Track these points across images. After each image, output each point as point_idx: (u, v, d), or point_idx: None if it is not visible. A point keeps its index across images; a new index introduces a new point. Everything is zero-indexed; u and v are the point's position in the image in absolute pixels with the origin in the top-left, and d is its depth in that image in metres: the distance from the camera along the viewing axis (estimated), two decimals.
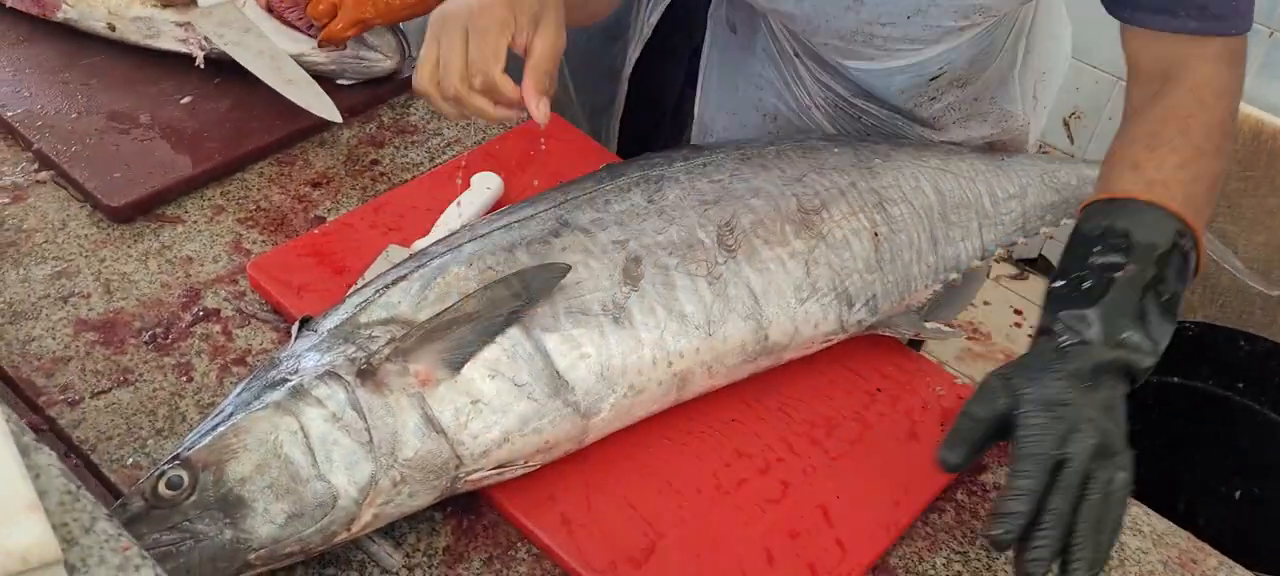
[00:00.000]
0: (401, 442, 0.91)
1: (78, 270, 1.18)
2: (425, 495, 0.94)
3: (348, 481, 0.89)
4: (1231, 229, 2.44)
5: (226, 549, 0.86)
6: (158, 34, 1.40)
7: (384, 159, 1.38)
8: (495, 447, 0.95)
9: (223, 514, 0.87)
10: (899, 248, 1.16)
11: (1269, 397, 1.81)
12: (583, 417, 0.99)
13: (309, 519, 0.88)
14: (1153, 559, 1.03)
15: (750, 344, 1.07)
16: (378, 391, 0.92)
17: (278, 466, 0.89)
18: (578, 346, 0.99)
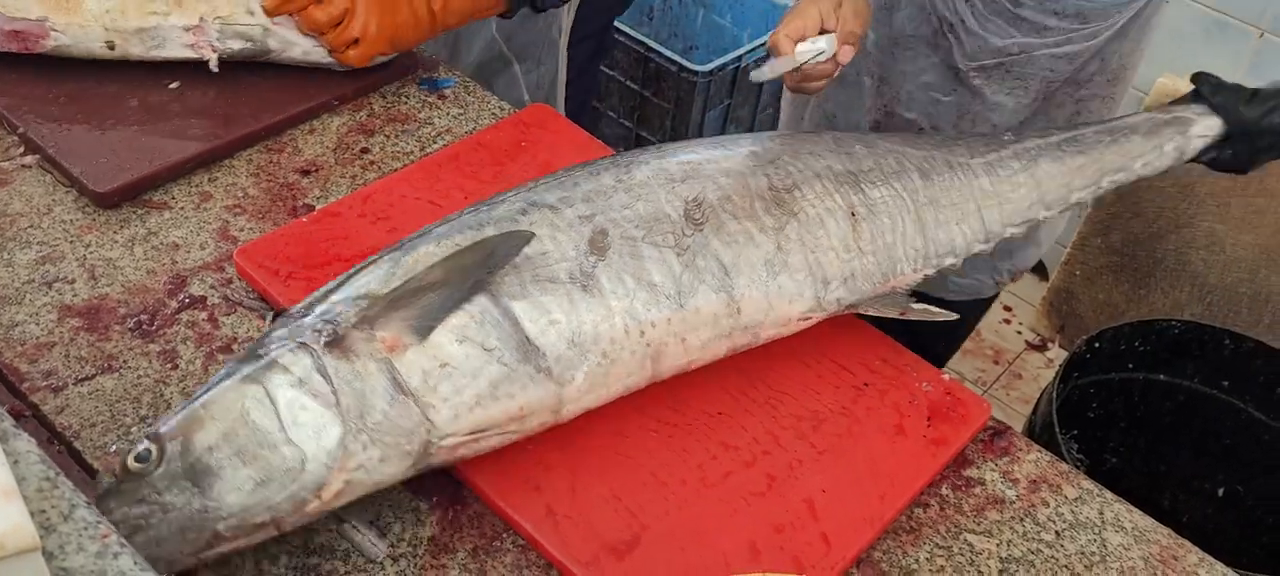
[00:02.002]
0: (369, 406, 0.91)
1: (62, 255, 1.17)
2: (397, 461, 0.93)
3: (316, 445, 0.89)
4: (1220, 228, 2.45)
5: (195, 519, 0.85)
6: (163, 43, 1.35)
7: (374, 147, 1.37)
8: (467, 411, 0.94)
9: (191, 483, 0.86)
10: (880, 229, 1.15)
11: (1253, 396, 1.82)
12: (556, 384, 0.98)
13: (278, 485, 0.87)
14: (1134, 555, 1.03)
15: (723, 316, 1.06)
16: (345, 357, 0.92)
17: (245, 433, 0.88)
18: (546, 312, 0.99)
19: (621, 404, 1.07)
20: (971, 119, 1.51)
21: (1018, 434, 1.13)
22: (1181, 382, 1.87)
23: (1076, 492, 1.08)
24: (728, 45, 3.25)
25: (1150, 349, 1.85)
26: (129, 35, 1.34)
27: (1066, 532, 1.05)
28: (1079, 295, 2.73)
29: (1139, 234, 2.55)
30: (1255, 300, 2.47)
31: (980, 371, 2.74)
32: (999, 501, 1.07)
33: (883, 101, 1.57)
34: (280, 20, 1.37)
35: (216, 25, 1.35)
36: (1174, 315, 2.33)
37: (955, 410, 1.12)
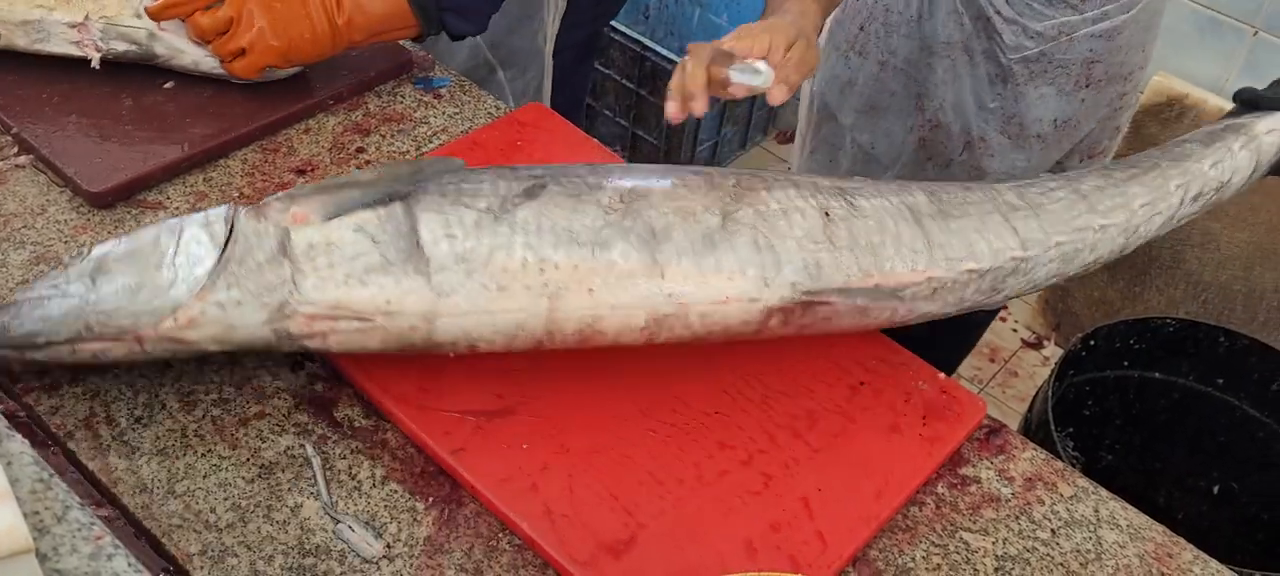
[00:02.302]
0: (249, 255, 0.97)
1: (57, 256, 1.17)
2: (253, 311, 0.97)
3: (188, 271, 0.97)
4: (1214, 226, 2.46)
5: (75, 306, 0.96)
6: (48, 38, 1.33)
7: (370, 147, 1.37)
8: (333, 287, 0.98)
9: (90, 280, 0.97)
10: (862, 229, 1.07)
11: (1247, 393, 1.82)
12: (433, 293, 0.99)
13: (145, 295, 0.96)
14: (1129, 552, 1.04)
15: (641, 277, 1.01)
16: (256, 217, 0.99)
17: (147, 250, 0.98)
18: (448, 227, 1.00)
19: (618, 404, 1.07)
20: (1019, 121, 1.50)
21: (1013, 432, 1.14)
22: (1176, 380, 1.87)
23: (1072, 490, 1.08)
24: None
25: (1145, 346, 1.86)
26: (14, 27, 1.32)
27: (1062, 530, 1.05)
28: (1074, 293, 2.74)
29: None
30: (1250, 297, 2.47)
31: (976, 369, 2.74)
32: (995, 499, 1.07)
33: (926, 117, 1.57)
34: (168, 26, 1.33)
35: (101, 24, 1.32)
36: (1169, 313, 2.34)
37: (951, 408, 1.12)
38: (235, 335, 0.98)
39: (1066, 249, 1.13)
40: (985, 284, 1.11)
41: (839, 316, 1.08)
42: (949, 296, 1.11)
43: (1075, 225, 1.14)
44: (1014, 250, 1.11)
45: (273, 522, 0.97)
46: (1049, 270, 1.14)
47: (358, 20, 1.31)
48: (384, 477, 1.02)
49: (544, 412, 1.06)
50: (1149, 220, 1.17)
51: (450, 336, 1.01)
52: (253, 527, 0.96)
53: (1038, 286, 1.16)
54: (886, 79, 1.58)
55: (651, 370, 1.11)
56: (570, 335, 1.03)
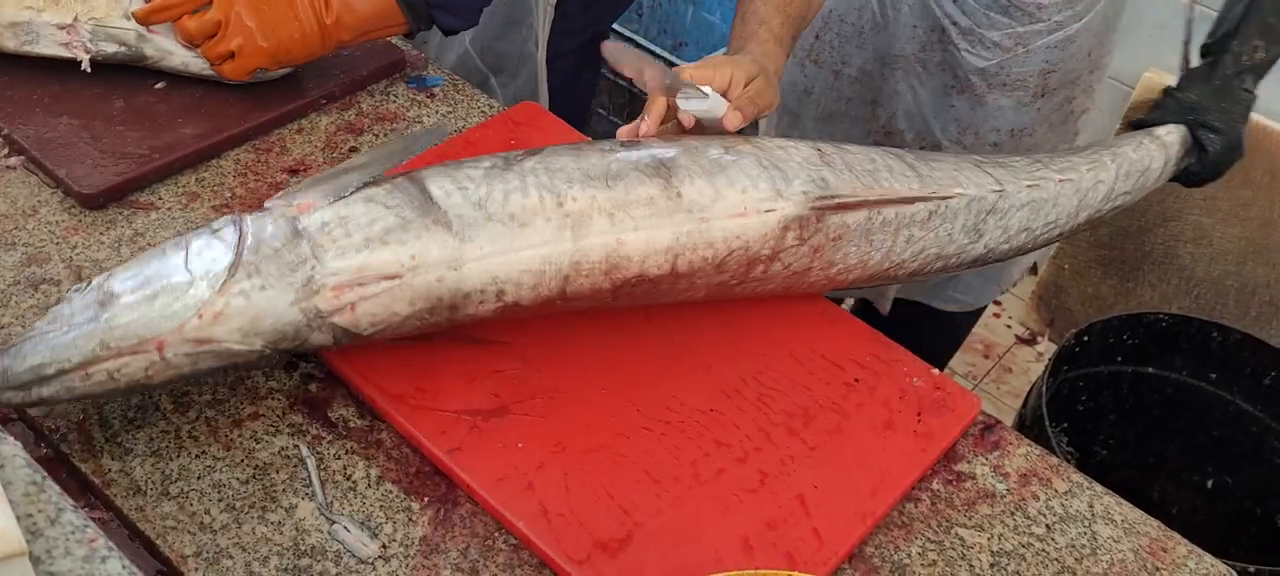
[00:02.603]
0: (264, 243, 0.97)
1: (48, 257, 1.17)
2: (280, 292, 0.96)
3: (205, 270, 0.95)
4: (1207, 221, 2.46)
5: (86, 328, 0.93)
6: (37, 39, 1.32)
7: (363, 146, 1.37)
8: (354, 251, 0.98)
9: (98, 304, 0.94)
10: (855, 162, 1.13)
11: (1241, 388, 1.83)
12: (455, 238, 0.99)
13: (162, 301, 0.94)
14: (1124, 547, 1.04)
15: (660, 198, 1.04)
16: (261, 217, 1.01)
17: (156, 265, 0.97)
18: (457, 182, 1.02)
19: (613, 402, 1.07)
20: (975, 131, 1.51)
21: (1008, 428, 1.14)
22: (1170, 375, 1.88)
23: (1067, 486, 1.08)
24: (717, 42, 3.25)
25: (1139, 342, 1.86)
26: (3, 29, 1.32)
27: (1057, 526, 1.05)
28: (1067, 289, 2.74)
29: (1127, 227, 2.56)
30: (1242, 292, 2.48)
31: (970, 365, 2.75)
32: (990, 495, 1.07)
33: (880, 124, 1.57)
34: (157, 28, 1.32)
35: (90, 26, 1.31)
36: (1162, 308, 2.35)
37: (945, 405, 1.12)
38: (263, 323, 0.96)
39: (1034, 197, 1.21)
40: (971, 217, 1.18)
41: (848, 240, 1.12)
42: (941, 228, 1.16)
43: (1038, 175, 1.23)
44: (991, 185, 1.19)
45: (268, 524, 0.97)
46: (1021, 218, 1.21)
47: (346, 19, 1.30)
48: (379, 478, 1.02)
49: (539, 412, 1.06)
50: (1094, 186, 1.27)
51: (478, 282, 1.00)
52: (247, 529, 0.96)
53: (1011, 240, 1.22)
54: (842, 87, 1.58)
55: (647, 369, 1.11)
56: (598, 264, 1.02)
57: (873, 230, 1.13)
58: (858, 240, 1.13)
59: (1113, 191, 1.28)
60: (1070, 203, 1.24)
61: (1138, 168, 1.30)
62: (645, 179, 1.04)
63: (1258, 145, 2.35)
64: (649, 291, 1.07)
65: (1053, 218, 1.24)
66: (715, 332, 1.15)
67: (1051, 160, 1.26)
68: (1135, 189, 1.31)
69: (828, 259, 1.12)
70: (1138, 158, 1.30)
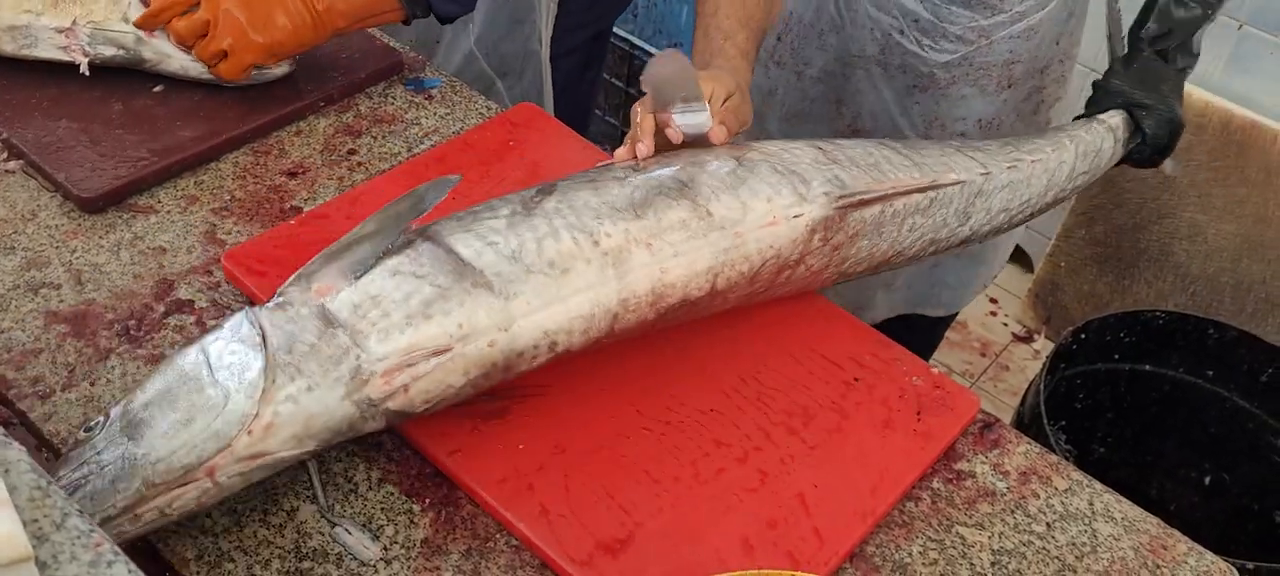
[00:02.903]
0: (296, 341, 0.91)
1: (48, 261, 1.17)
2: (328, 389, 0.90)
3: (239, 381, 0.89)
4: (1201, 219, 2.47)
5: (124, 468, 0.86)
6: (35, 43, 1.32)
7: (361, 148, 1.37)
8: (397, 332, 0.92)
9: (127, 438, 0.88)
10: (857, 157, 1.15)
11: (1238, 384, 1.84)
12: (500, 298, 0.95)
13: (201, 423, 0.87)
14: (1124, 545, 1.04)
15: (692, 220, 1.03)
16: (280, 310, 0.94)
17: (178, 384, 0.90)
18: (483, 238, 0.98)
19: (613, 404, 1.07)
20: (941, 124, 1.51)
21: (1007, 426, 1.14)
22: (1167, 372, 1.89)
23: (1066, 484, 1.09)
24: None
25: (1135, 339, 1.87)
26: (1, 33, 1.32)
27: (1057, 524, 1.05)
28: (1064, 287, 2.75)
29: (1122, 225, 2.57)
30: (1238, 289, 2.49)
31: (967, 364, 2.75)
32: (990, 494, 1.07)
33: (846, 122, 1.57)
34: (155, 31, 1.32)
35: (88, 29, 1.31)
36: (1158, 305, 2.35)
37: (944, 404, 1.12)
38: (316, 424, 0.91)
39: (1013, 178, 1.25)
40: (962, 202, 1.20)
41: (862, 236, 1.14)
42: (938, 215, 1.19)
43: (1012, 157, 1.27)
44: (978, 168, 1.22)
45: (269, 526, 0.97)
46: (1001, 199, 1.25)
47: (339, 6, 1.30)
48: (380, 480, 1.02)
49: (539, 413, 1.06)
50: (1059, 166, 1.31)
51: (531, 339, 0.97)
52: (249, 532, 0.96)
53: (992, 221, 1.26)
54: (805, 88, 1.58)
55: (646, 369, 1.11)
56: (644, 298, 1.01)
57: (884, 222, 1.15)
58: (871, 234, 1.14)
59: (1073, 171, 1.33)
60: (1041, 182, 1.29)
61: (1092, 149, 1.35)
62: (672, 202, 1.04)
63: (1252, 143, 2.36)
64: (688, 312, 1.07)
65: (1027, 198, 1.28)
66: (714, 333, 1.15)
67: (1020, 143, 1.30)
68: (1092, 169, 1.36)
69: (843, 255, 1.14)
70: (1090, 139, 1.35)
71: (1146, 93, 1.39)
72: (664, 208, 1.03)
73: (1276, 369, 1.78)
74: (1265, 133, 2.34)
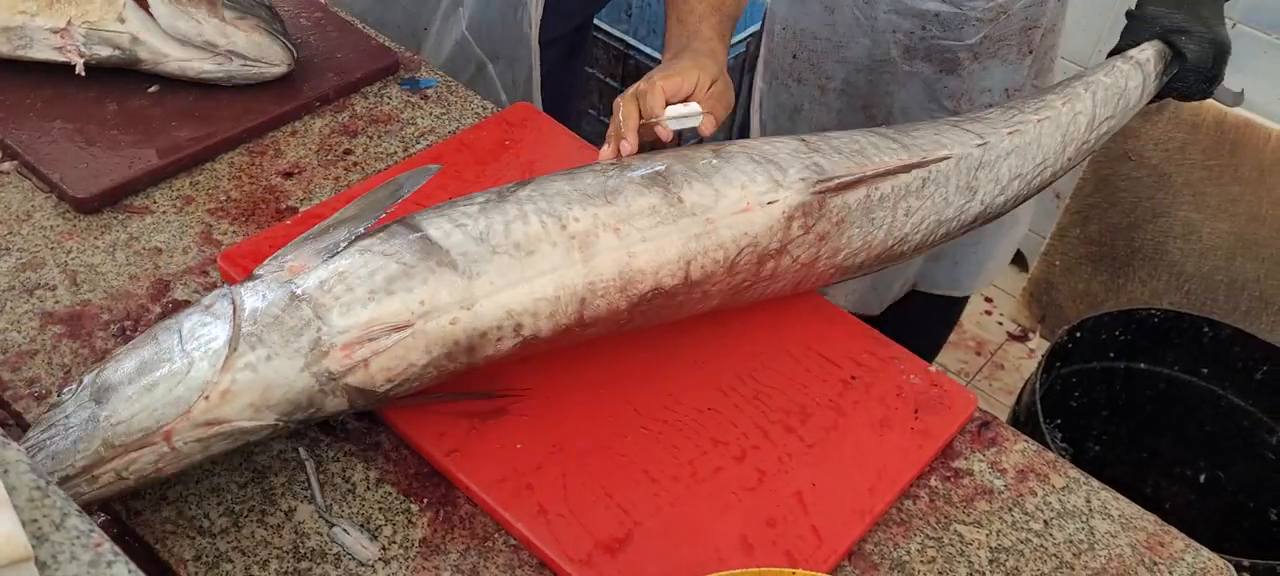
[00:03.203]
0: (261, 312, 0.93)
1: (43, 262, 1.16)
2: (287, 359, 0.91)
3: (204, 350, 0.91)
4: (1196, 217, 2.47)
5: (87, 429, 0.88)
6: (30, 44, 1.32)
7: (357, 148, 1.36)
8: (360, 306, 0.93)
9: (94, 402, 0.89)
10: (842, 145, 1.14)
11: (1232, 382, 1.84)
12: (463, 277, 0.96)
13: (163, 388, 0.89)
14: (1122, 542, 1.04)
15: (662, 206, 1.03)
16: (253, 285, 0.95)
17: (150, 353, 0.92)
18: (454, 220, 0.99)
19: (611, 403, 1.07)
20: (969, 99, 1.51)
21: (1004, 424, 1.14)
22: (1162, 371, 1.89)
23: (1063, 481, 1.09)
24: None
25: (1130, 338, 1.87)
26: None
27: (1054, 521, 1.05)
28: (1058, 285, 2.75)
29: (1117, 224, 2.57)
30: (1232, 287, 2.49)
31: (963, 363, 2.76)
32: (987, 492, 1.07)
33: (877, 124, 1.57)
34: (150, 31, 1.32)
35: (83, 29, 1.31)
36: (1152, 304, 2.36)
37: (942, 402, 1.12)
38: (274, 394, 0.91)
39: (1018, 143, 1.22)
40: (962, 177, 1.18)
41: (850, 222, 1.12)
42: (937, 194, 1.17)
43: (1013, 121, 1.23)
44: (974, 140, 1.19)
45: (267, 527, 0.97)
46: (1010, 166, 1.21)
47: None
48: (378, 480, 1.01)
49: (537, 412, 1.06)
50: (1073, 119, 1.26)
51: (493, 319, 0.97)
52: (247, 532, 0.96)
53: (1006, 190, 1.23)
54: (830, 101, 1.58)
55: (644, 368, 1.11)
56: (612, 282, 1.01)
57: (873, 207, 1.13)
58: (860, 220, 1.13)
59: (1094, 119, 1.28)
60: (1054, 140, 1.24)
61: (1114, 92, 1.29)
62: (644, 190, 1.04)
63: (1245, 141, 2.36)
64: (665, 305, 1.06)
65: (1040, 159, 1.24)
66: (711, 331, 1.15)
67: (1025, 104, 1.26)
68: (1118, 112, 1.30)
69: (834, 245, 1.13)
70: (1112, 82, 1.30)
71: (1188, 16, 1.32)
72: (634, 194, 1.03)
73: (1271, 366, 1.78)
74: (1259, 131, 2.35)
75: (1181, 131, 2.43)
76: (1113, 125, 1.31)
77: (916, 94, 1.52)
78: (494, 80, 1.73)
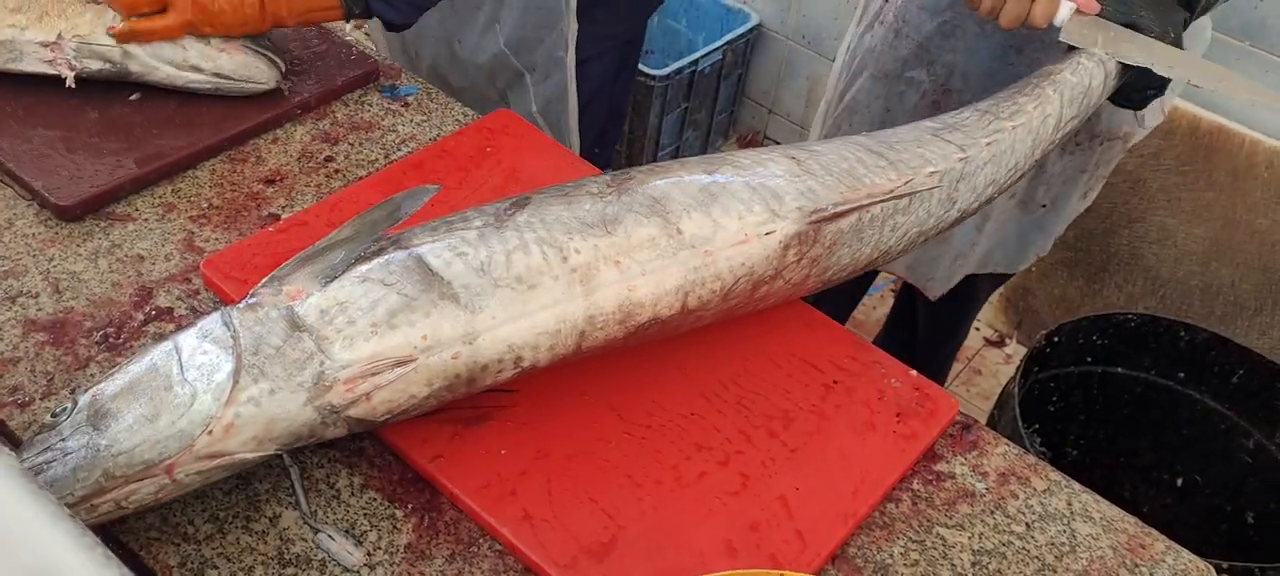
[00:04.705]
0: (264, 343, 0.91)
1: (25, 270, 1.16)
2: (290, 394, 0.91)
3: (207, 381, 0.89)
4: (1171, 222, 2.50)
5: (86, 458, 0.87)
6: (20, 57, 1.32)
7: (339, 155, 1.36)
8: (362, 339, 0.92)
9: (92, 427, 0.88)
10: (831, 164, 1.14)
11: (1208, 386, 1.86)
12: (465, 311, 0.95)
13: (166, 420, 0.88)
14: (1103, 544, 1.05)
15: (661, 238, 1.03)
16: (251, 310, 0.94)
17: (148, 378, 0.90)
18: (454, 248, 0.98)
19: (594, 409, 1.08)
20: (1028, 64, 1.52)
21: (986, 428, 1.15)
22: (1139, 375, 1.91)
23: (1045, 484, 1.10)
24: (683, 50, 3.26)
25: (1107, 342, 1.89)
26: None
27: (1036, 524, 1.06)
28: (1035, 291, 2.77)
29: (1092, 229, 2.60)
30: (1207, 292, 2.52)
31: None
32: (969, 495, 1.08)
33: (938, 83, 1.61)
34: (139, 44, 1.32)
35: (74, 43, 1.31)
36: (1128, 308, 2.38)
37: (924, 405, 1.13)
38: (277, 428, 0.91)
39: (993, 149, 1.23)
40: (943, 191, 1.19)
41: (841, 244, 1.13)
42: (920, 209, 1.18)
43: (990, 130, 1.24)
44: (955, 153, 1.21)
45: (252, 533, 0.96)
46: (986, 174, 1.23)
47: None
48: (363, 486, 1.01)
49: (521, 418, 1.06)
50: (1043, 121, 1.28)
51: (495, 353, 0.97)
52: (232, 538, 0.96)
53: (980, 196, 1.24)
54: (900, 48, 1.62)
55: (627, 374, 1.11)
56: (612, 315, 1.01)
57: (863, 228, 1.14)
58: (850, 241, 1.14)
59: (1061, 120, 1.29)
60: (1025, 144, 1.26)
61: (1079, 90, 1.31)
62: (643, 220, 1.03)
63: (1219, 146, 2.39)
64: (660, 330, 1.06)
65: (1013, 164, 1.26)
66: (694, 338, 1.16)
67: (999, 108, 1.27)
68: (1081, 110, 1.32)
69: (824, 266, 1.14)
70: (1078, 80, 1.31)
71: (1153, 13, 1.32)
72: (634, 225, 1.03)
73: (1247, 370, 1.80)
74: (1232, 137, 2.37)
75: (1156, 137, 2.45)
76: (1075, 124, 1.33)
77: (978, 66, 1.55)
78: (529, 90, 1.76)
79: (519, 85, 1.78)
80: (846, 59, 1.77)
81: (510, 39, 1.71)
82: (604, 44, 1.80)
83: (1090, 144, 1.64)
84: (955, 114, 1.28)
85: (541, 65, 1.76)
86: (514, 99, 1.80)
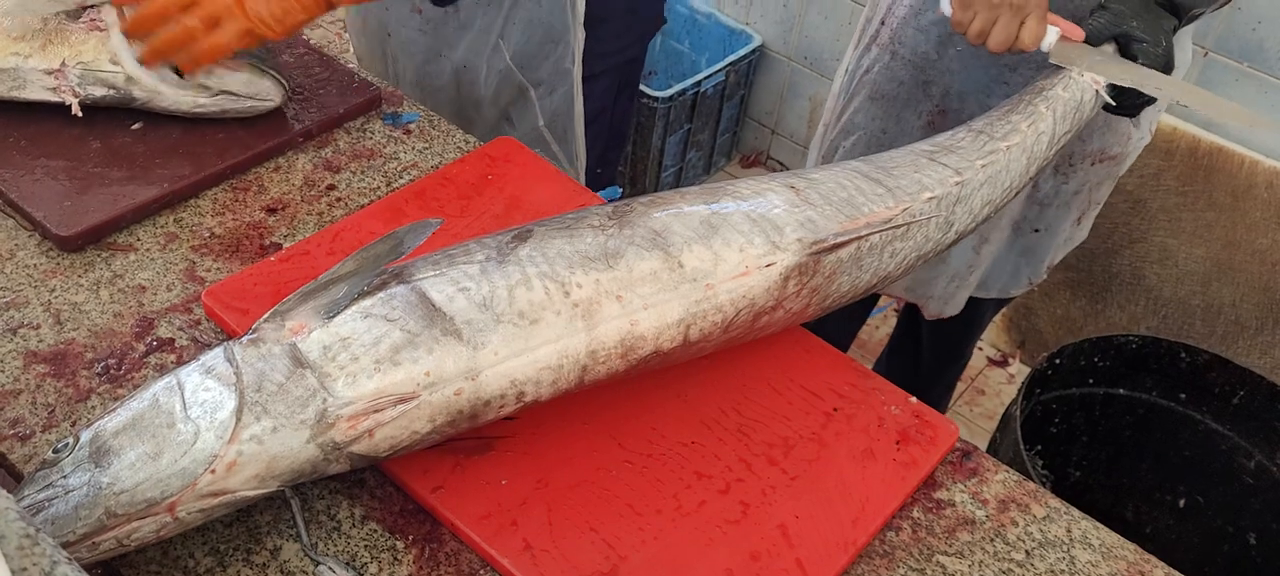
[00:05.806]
0: (266, 380, 0.92)
1: (27, 301, 1.16)
2: (292, 432, 0.91)
3: (210, 419, 0.89)
4: (1172, 242, 2.50)
5: (88, 495, 0.86)
6: (24, 85, 1.32)
7: (341, 184, 1.37)
8: (365, 377, 0.93)
9: (94, 464, 0.88)
10: (830, 192, 1.14)
11: (1210, 407, 1.86)
12: (468, 347, 0.95)
13: (168, 458, 0.88)
14: (1103, 571, 1.05)
15: (663, 272, 1.04)
16: (254, 346, 0.94)
17: (151, 415, 0.90)
18: (456, 283, 0.98)
19: (595, 438, 1.08)
20: (1023, 82, 1.53)
21: (986, 454, 1.15)
22: (1141, 396, 1.91)
23: (1044, 511, 1.10)
24: (686, 71, 3.27)
25: (1109, 364, 1.89)
26: None
27: (1036, 551, 1.06)
28: (1038, 311, 2.78)
29: (1094, 250, 2.60)
30: (1208, 312, 2.52)
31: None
32: (969, 522, 1.08)
33: (934, 104, 1.62)
34: (143, 70, 1.32)
35: (78, 70, 1.31)
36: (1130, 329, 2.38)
37: (924, 432, 1.13)
38: (279, 465, 0.91)
39: (989, 170, 1.24)
40: (941, 216, 1.20)
41: (840, 273, 1.14)
42: (918, 234, 1.19)
43: (985, 151, 1.25)
44: (952, 177, 1.21)
45: (252, 565, 0.97)
46: (982, 195, 1.24)
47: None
48: (363, 517, 1.02)
49: (521, 448, 1.07)
50: (1037, 139, 1.28)
51: (497, 389, 0.97)
52: (232, 571, 0.96)
53: (977, 217, 1.25)
54: (896, 69, 1.64)
55: (627, 402, 1.12)
56: (614, 349, 1.01)
57: (862, 257, 1.15)
58: (850, 270, 1.14)
59: (1054, 137, 1.30)
60: (1020, 163, 1.26)
61: (1072, 106, 1.31)
62: (645, 253, 1.04)
63: (1219, 167, 2.39)
64: (661, 361, 1.07)
65: (1008, 183, 1.26)
66: (694, 365, 1.16)
67: (993, 128, 1.27)
68: (1074, 125, 1.32)
69: (824, 294, 1.14)
70: (1069, 97, 1.31)
71: (1145, 25, 1.33)
72: (635, 258, 1.03)
73: (1248, 391, 1.80)
74: (1232, 157, 2.38)
75: (1156, 158, 2.46)
76: (1069, 139, 1.33)
77: (974, 85, 1.56)
78: (534, 104, 1.77)
79: (522, 101, 1.78)
80: (844, 81, 1.78)
81: (516, 52, 1.72)
82: (605, 63, 1.81)
83: (1082, 163, 1.65)
84: (950, 135, 1.28)
85: (547, 79, 1.76)
86: (517, 116, 1.81)
